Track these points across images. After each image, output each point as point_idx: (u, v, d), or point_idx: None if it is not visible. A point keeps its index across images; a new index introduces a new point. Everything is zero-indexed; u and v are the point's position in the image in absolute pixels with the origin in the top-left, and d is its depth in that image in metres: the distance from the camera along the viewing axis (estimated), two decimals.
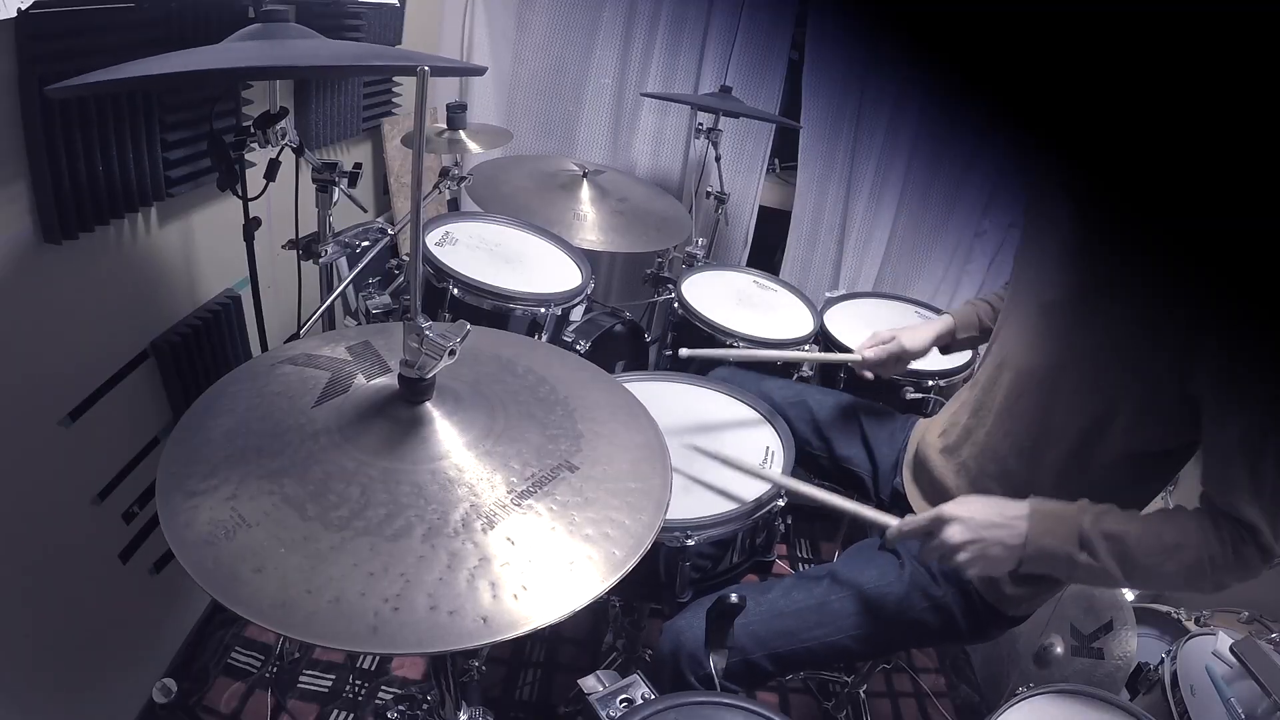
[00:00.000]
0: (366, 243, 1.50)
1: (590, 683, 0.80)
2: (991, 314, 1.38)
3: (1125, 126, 0.93)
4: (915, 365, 1.68)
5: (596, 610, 1.75)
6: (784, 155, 2.59)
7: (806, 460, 1.43)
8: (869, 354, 1.39)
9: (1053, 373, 1.05)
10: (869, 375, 1.42)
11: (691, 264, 2.11)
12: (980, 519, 0.98)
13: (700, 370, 1.51)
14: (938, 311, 2.06)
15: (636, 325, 1.91)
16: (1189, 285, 0.91)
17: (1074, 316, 1.03)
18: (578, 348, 1.63)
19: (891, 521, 1.04)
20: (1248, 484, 0.89)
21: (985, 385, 1.19)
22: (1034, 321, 1.09)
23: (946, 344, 1.41)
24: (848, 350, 1.71)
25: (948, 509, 0.99)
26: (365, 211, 1.55)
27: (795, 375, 1.81)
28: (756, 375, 1.53)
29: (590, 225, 1.87)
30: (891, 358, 1.38)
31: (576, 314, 1.66)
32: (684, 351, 1.42)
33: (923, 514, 1.02)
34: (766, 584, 1.18)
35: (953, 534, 0.97)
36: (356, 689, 1.63)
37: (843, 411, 1.45)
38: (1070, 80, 0.95)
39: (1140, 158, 0.92)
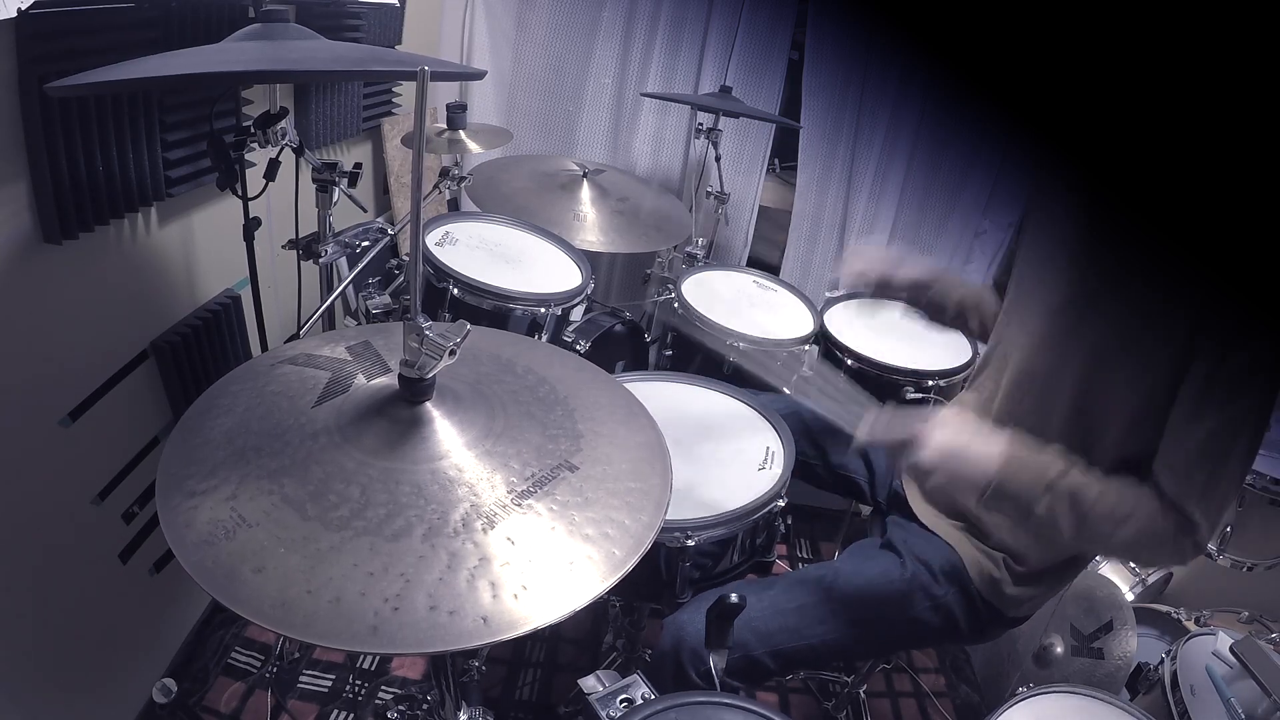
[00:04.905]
0: (366, 243, 1.50)
1: (590, 683, 0.80)
2: (971, 297, 1.35)
3: (1127, 126, 0.93)
4: (916, 365, 1.68)
5: (596, 610, 1.75)
6: (784, 155, 2.59)
7: (802, 468, 1.42)
8: (852, 267, 1.33)
9: (1054, 374, 1.05)
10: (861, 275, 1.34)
11: (691, 264, 2.11)
12: (955, 446, 0.98)
13: (702, 370, 1.50)
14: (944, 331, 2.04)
15: (636, 325, 1.91)
16: (1190, 286, 0.91)
17: (1076, 317, 1.02)
18: (578, 348, 1.63)
19: (861, 429, 1.02)
20: (1202, 486, 0.91)
21: (986, 386, 1.19)
22: (1036, 323, 1.09)
23: (916, 292, 1.35)
24: (852, 352, 1.71)
25: (925, 430, 0.99)
26: (365, 211, 1.55)
27: (795, 375, 1.81)
28: (750, 390, 1.51)
29: (590, 225, 1.88)
30: (878, 279, 1.33)
31: (576, 314, 1.66)
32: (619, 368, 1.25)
33: (900, 428, 1.00)
34: (768, 580, 1.18)
35: (926, 457, 0.98)
36: (356, 689, 1.63)
37: None
38: (1072, 80, 0.95)
39: (1142, 158, 0.92)
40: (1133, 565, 1.85)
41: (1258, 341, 0.87)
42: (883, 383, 1.69)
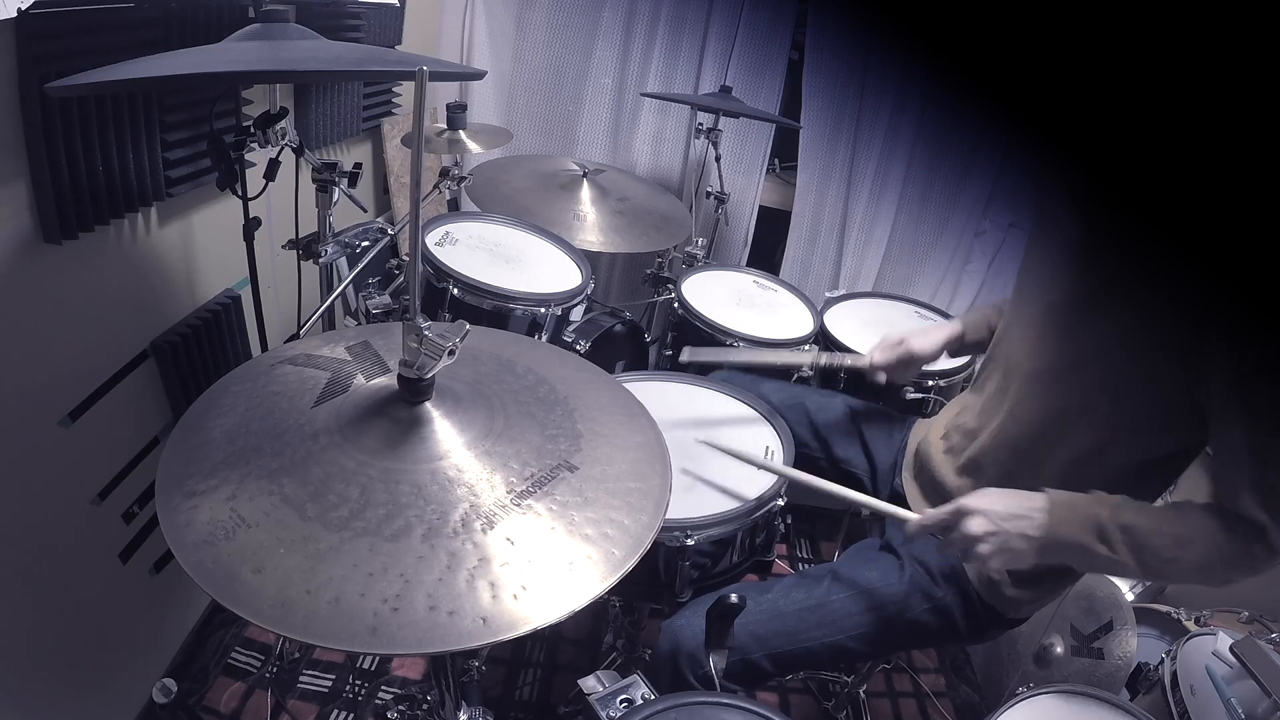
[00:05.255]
0: (366, 243, 1.50)
1: (590, 683, 0.80)
2: (1000, 319, 1.37)
3: (1130, 127, 0.93)
4: None
5: (596, 610, 1.75)
6: (784, 155, 2.59)
7: (804, 463, 1.42)
8: (878, 358, 1.37)
9: (1056, 375, 1.05)
10: (881, 379, 1.40)
11: (691, 264, 2.11)
12: (1001, 510, 0.97)
13: (700, 370, 1.51)
14: (938, 311, 2.06)
15: (636, 325, 1.91)
16: (1194, 288, 0.91)
17: (1078, 319, 1.02)
18: (578, 348, 1.63)
19: (910, 516, 1.03)
20: (1254, 487, 0.89)
21: (988, 388, 1.19)
22: (1038, 324, 1.09)
23: (956, 348, 1.40)
24: (856, 354, 1.71)
25: (968, 501, 0.99)
26: (365, 211, 1.55)
27: (795, 377, 1.81)
28: (754, 377, 1.52)
29: (590, 225, 1.88)
30: (901, 362, 1.36)
31: (576, 314, 1.66)
32: (685, 353, 1.41)
33: (943, 507, 1.01)
34: (766, 584, 1.18)
35: (974, 526, 0.97)
36: (356, 689, 1.63)
37: (840, 413, 1.45)
38: (1074, 80, 0.95)
39: (1145, 159, 0.92)
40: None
41: (1257, 342, 0.87)
42: (884, 383, 1.69)
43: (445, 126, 1.79)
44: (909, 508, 1.27)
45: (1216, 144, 0.87)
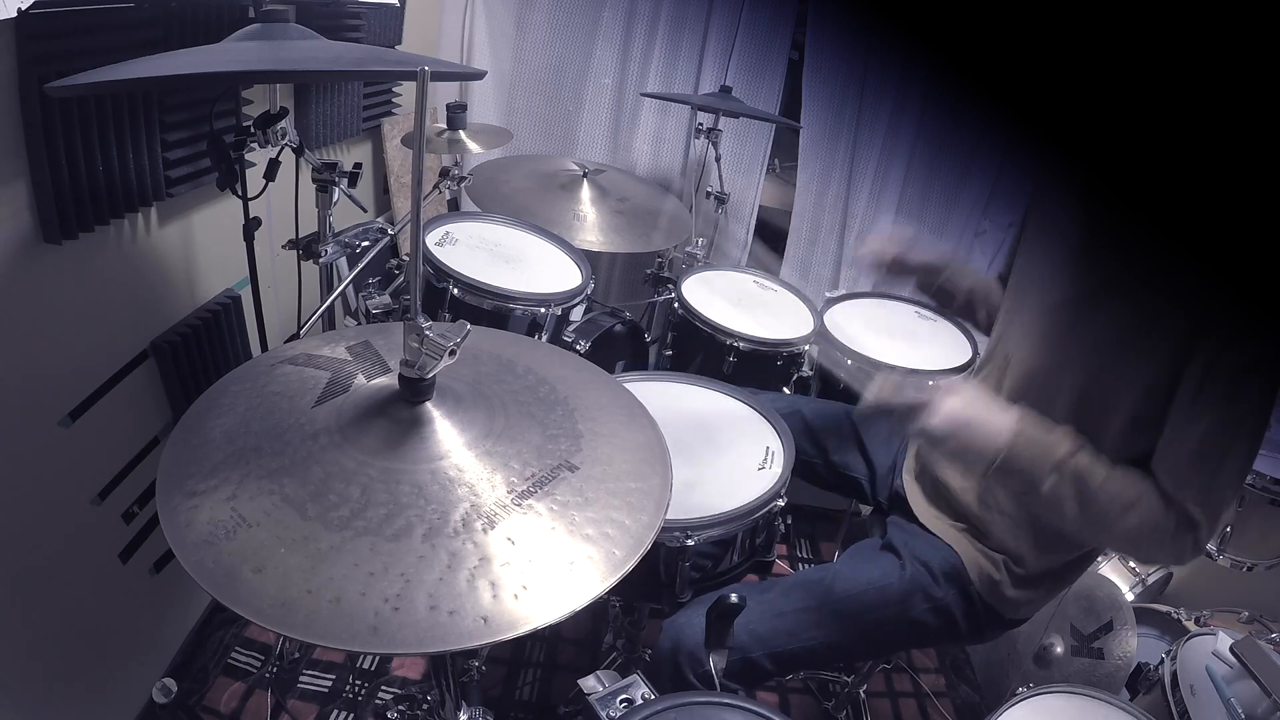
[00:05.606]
0: (366, 243, 1.50)
1: (590, 683, 0.80)
2: (981, 288, 1.35)
3: (1126, 126, 0.93)
4: (915, 365, 1.68)
5: (596, 610, 1.75)
6: (784, 155, 2.59)
7: (803, 468, 1.42)
8: (870, 245, 1.30)
9: (1055, 373, 1.05)
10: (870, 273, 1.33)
11: (691, 264, 2.11)
12: (967, 415, 0.98)
13: (702, 370, 1.51)
14: (938, 312, 2.05)
15: (636, 325, 1.91)
16: (1191, 286, 0.91)
17: (1078, 318, 1.02)
18: (578, 348, 1.63)
19: (869, 392, 1.00)
20: (1201, 485, 0.91)
21: (986, 385, 1.19)
22: (1037, 322, 1.09)
23: (929, 279, 1.34)
24: (852, 352, 1.70)
25: (939, 397, 0.98)
26: (365, 211, 1.55)
27: (795, 375, 1.81)
28: (750, 389, 1.52)
29: (590, 225, 1.88)
30: (894, 258, 1.29)
31: (576, 314, 1.66)
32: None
33: (912, 394, 0.99)
34: (767, 583, 1.18)
35: (938, 423, 0.97)
36: (356, 689, 1.63)
37: (837, 418, 1.45)
38: (1071, 80, 0.95)
39: (1145, 159, 0.92)
40: (1133, 565, 1.85)
41: (1255, 342, 0.87)
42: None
43: (445, 126, 1.79)
44: (910, 509, 1.27)
45: (1216, 144, 0.87)
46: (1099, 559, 1.83)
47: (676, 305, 1.82)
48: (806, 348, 1.79)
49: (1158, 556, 0.95)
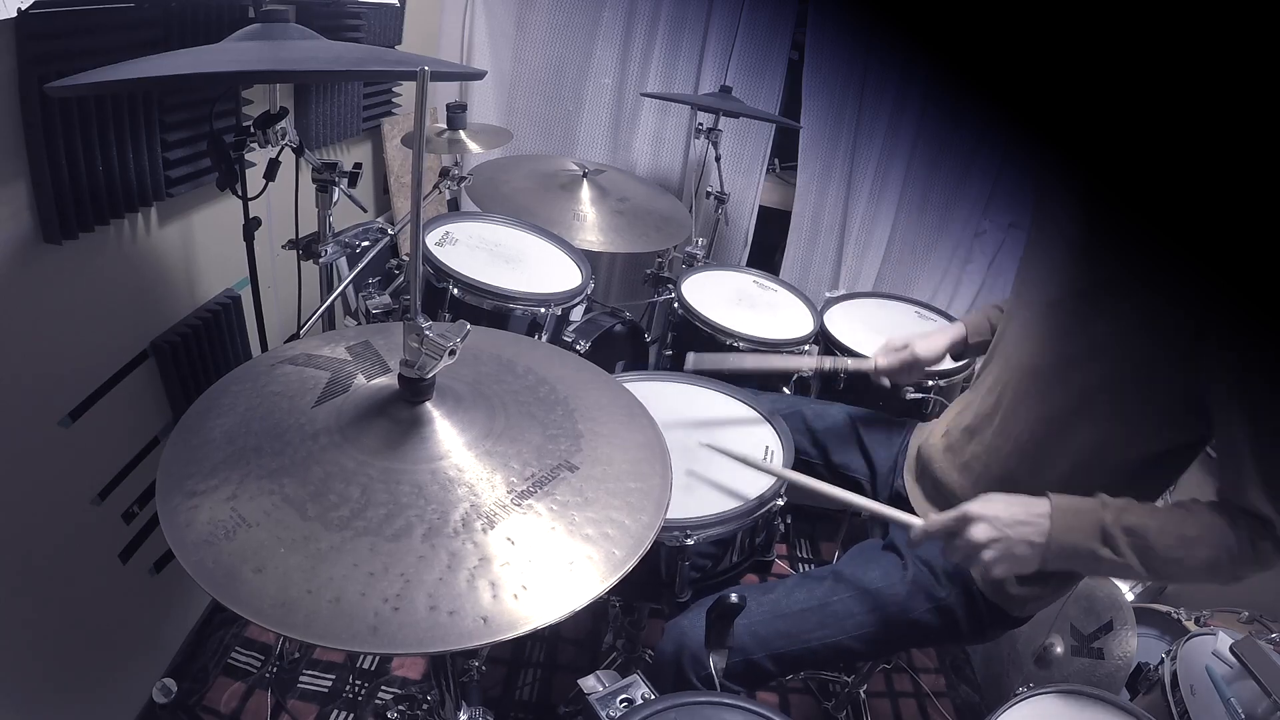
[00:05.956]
0: (366, 243, 1.50)
1: (590, 683, 0.80)
2: (1000, 318, 1.38)
3: (1127, 126, 0.93)
4: None
5: (596, 610, 1.75)
6: (784, 155, 2.59)
7: (803, 468, 1.41)
8: (883, 362, 1.38)
9: (1057, 373, 1.05)
10: (885, 383, 1.41)
11: (691, 264, 2.11)
12: (1005, 517, 0.97)
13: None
14: (938, 311, 2.06)
15: (636, 325, 1.91)
16: (1194, 285, 0.91)
17: (1078, 317, 1.02)
18: (578, 348, 1.63)
19: (915, 521, 1.03)
20: (1260, 482, 0.90)
21: (989, 386, 1.19)
22: (1039, 321, 1.09)
23: (959, 351, 1.41)
24: (862, 357, 1.71)
25: (972, 508, 0.98)
26: (365, 211, 1.55)
27: (795, 375, 1.81)
28: (750, 389, 1.52)
29: (590, 225, 1.88)
30: (905, 365, 1.37)
31: (576, 314, 1.66)
32: (690, 360, 1.40)
33: (947, 513, 1.01)
34: (768, 584, 1.18)
35: (978, 532, 0.97)
36: (356, 689, 1.63)
37: (838, 420, 1.45)
38: (1072, 80, 0.95)
39: (1146, 158, 0.92)
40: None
41: (1265, 342, 0.87)
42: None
43: (445, 126, 1.79)
44: (910, 509, 1.27)
45: (1217, 143, 0.87)
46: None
47: (676, 305, 1.82)
48: (806, 348, 1.79)
49: (1242, 574, 0.93)
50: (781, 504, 1.17)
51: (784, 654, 1.10)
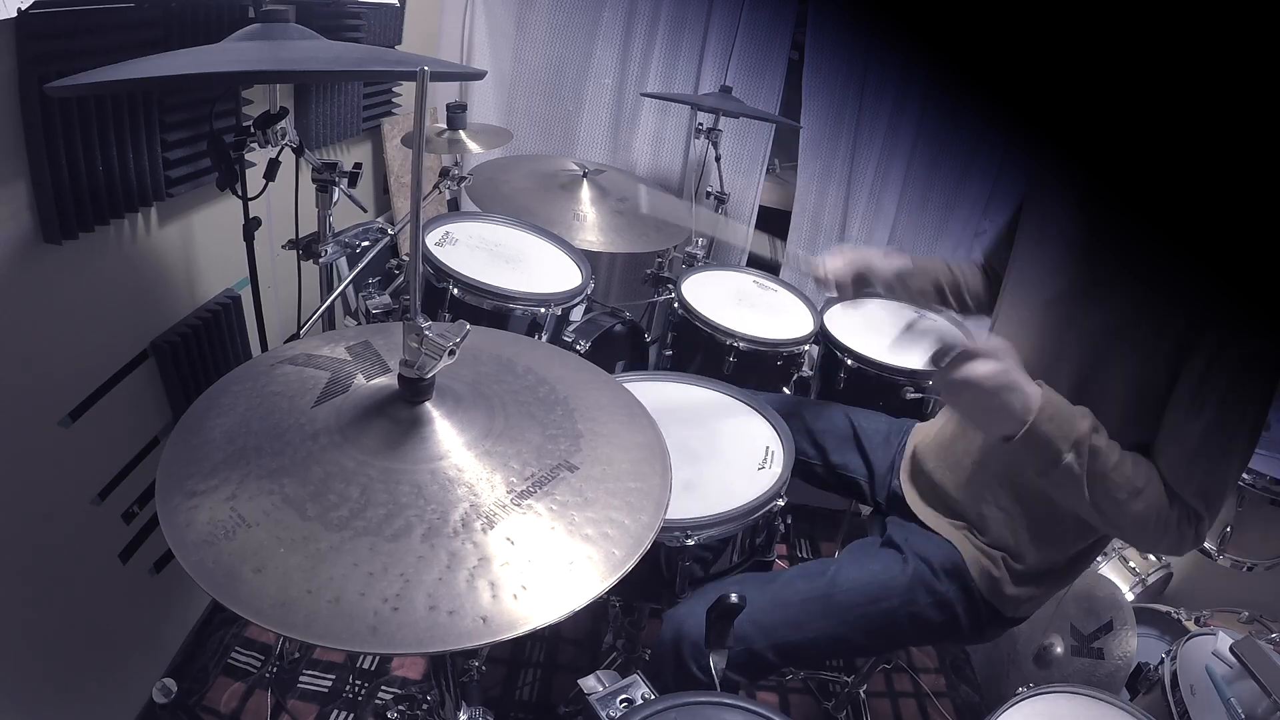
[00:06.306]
0: (366, 243, 1.50)
1: (590, 683, 0.80)
2: (950, 277, 1.37)
3: (1124, 123, 0.93)
4: (914, 365, 1.68)
5: (596, 610, 1.75)
6: (784, 155, 2.59)
7: (802, 469, 1.42)
8: (832, 264, 1.32)
9: (1051, 367, 1.05)
10: (832, 291, 1.34)
11: (691, 264, 2.11)
12: (1010, 372, 0.93)
13: (702, 370, 1.50)
14: (939, 311, 2.05)
15: (636, 325, 1.91)
16: (1189, 281, 0.92)
17: (1074, 313, 1.03)
18: (578, 348, 1.63)
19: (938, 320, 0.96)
20: (1201, 480, 0.93)
21: None
22: (1035, 318, 1.09)
23: (901, 286, 1.35)
24: (852, 352, 1.71)
25: (989, 344, 0.94)
26: (365, 211, 1.55)
27: (795, 375, 1.81)
28: (750, 390, 1.52)
29: (590, 225, 1.87)
30: (857, 276, 1.31)
31: (576, 314, 1.66)
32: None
33: (959, 341, 0.95)
34: (770, 575, 1.18)
35: (980, 367, 0.92)
36: (356, 689, 1.63)
37: (836, 419, 1.45)
38: (1070, 78, 0.95)
39: (1144, 156, 0.92)
40: (1133, 565, 1.85)
41: (1254, 337, 0.87)
42: (882, 383, 1.69)
43: (445, 126, 1.79)
44: (908, 510, 1.27)
45: (1214, 142, 0.87)
46: (1098, 558, 1.83)
47: (676, 305, 1.82)
48: (806, 348, 1.79)
49: (1159, 545, 0.96)
50: (781, 504, 1.17)
51: (786, 644, 1.10)
